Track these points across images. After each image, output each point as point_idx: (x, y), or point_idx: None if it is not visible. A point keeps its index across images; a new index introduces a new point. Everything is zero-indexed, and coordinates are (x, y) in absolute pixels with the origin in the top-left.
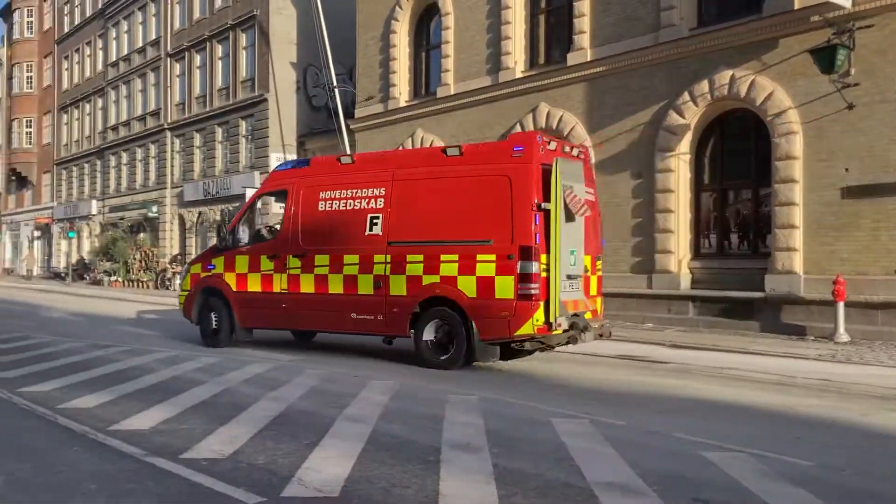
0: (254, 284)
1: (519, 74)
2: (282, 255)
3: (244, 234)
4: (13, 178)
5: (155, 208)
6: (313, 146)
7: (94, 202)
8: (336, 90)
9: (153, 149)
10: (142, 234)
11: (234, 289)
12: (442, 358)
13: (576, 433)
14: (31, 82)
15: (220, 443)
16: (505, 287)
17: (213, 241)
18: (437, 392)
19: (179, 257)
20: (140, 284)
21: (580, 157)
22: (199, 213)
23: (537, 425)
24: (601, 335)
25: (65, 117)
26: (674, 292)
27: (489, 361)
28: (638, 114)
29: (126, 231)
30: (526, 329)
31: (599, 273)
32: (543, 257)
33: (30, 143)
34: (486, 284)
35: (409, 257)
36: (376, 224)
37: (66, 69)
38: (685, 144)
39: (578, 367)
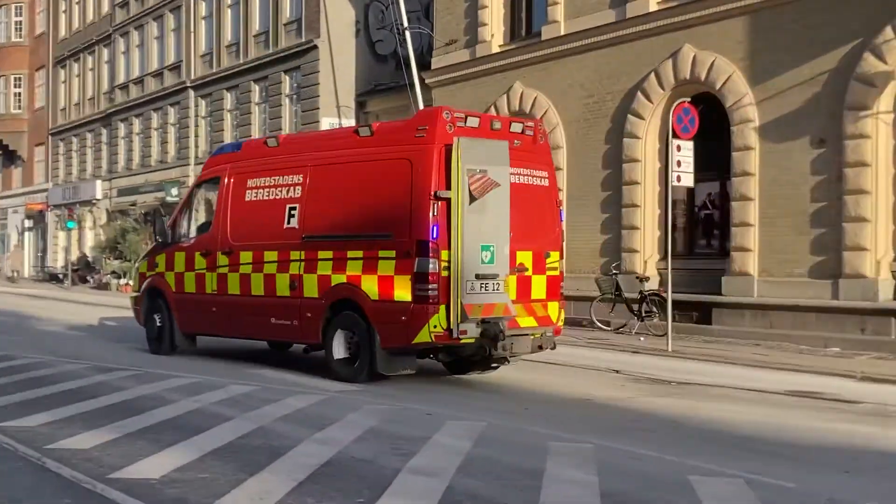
0: (190, 285)
1: (654, 7)
2: (213, 252)
3: (184, 229)
4: None
5: (175, 191)
6: (377, 108)
7: (98, 183)
8: (407, 33)
9: (173, 113)
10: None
11: (174, 289)
12: (349, 369)
13: (726, 498)
14: (21, 29)
15: (248, 498)
16: (403, 288)
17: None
18: (536, 436)
19: None
20: None
21: (528, 136)
22: None
23: (672, 486)
24: (541, 347)
25: (62, 74)
26: (869, 305)
27: (399, 373)
28: (819, 58)
29: (139, 220)
30: (423, 337)
31: (554, 272)
32: (444, 254)
33: (18, 108)
34: (386, 285)
35: (321, 254)
36: (293, 216)
37: (64, 11)
38: (887, 100)
39: (731, 405)
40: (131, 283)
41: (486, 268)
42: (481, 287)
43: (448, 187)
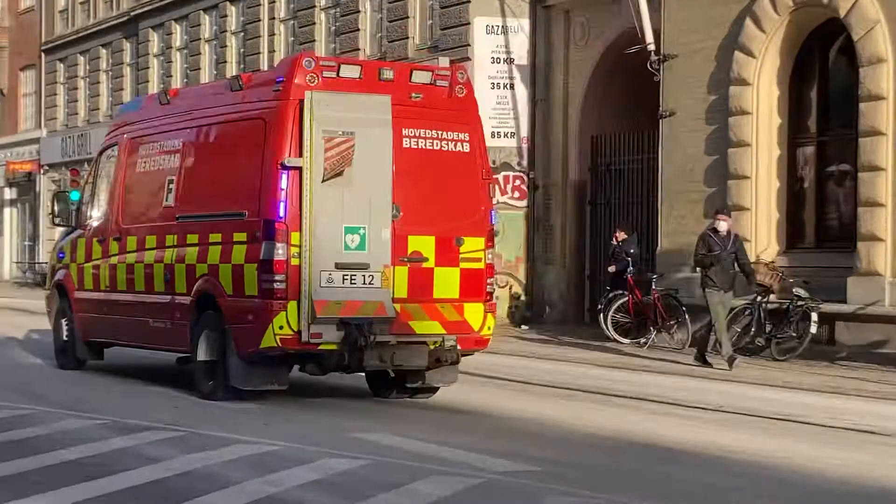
0: (88, 280)
1: None
2: (106, 239)
3: (88, 209)
4: None
5: None
6: (577, 9)
7: None
8: None
9: (234, 16)
10: None
11: (76, 286)
12: (209, 384)
13: None
14: None
15: None
16: (252, 280)
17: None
18: None
19: None
20: None
21: (441, 87)
22: None
23: None
24: (438, 360)
25: None
26: None
27: (262, 388)
28: None
29: None
30: (268, 340)
31: (475, 264)
32: (296, 237)
33: None
34: (238, 277)
35: (189, 238)
36: (171, 191)
37: None
38: None
39: None
40: None
41: (352, 255)
42: (344, 279)
43: (301, 154)
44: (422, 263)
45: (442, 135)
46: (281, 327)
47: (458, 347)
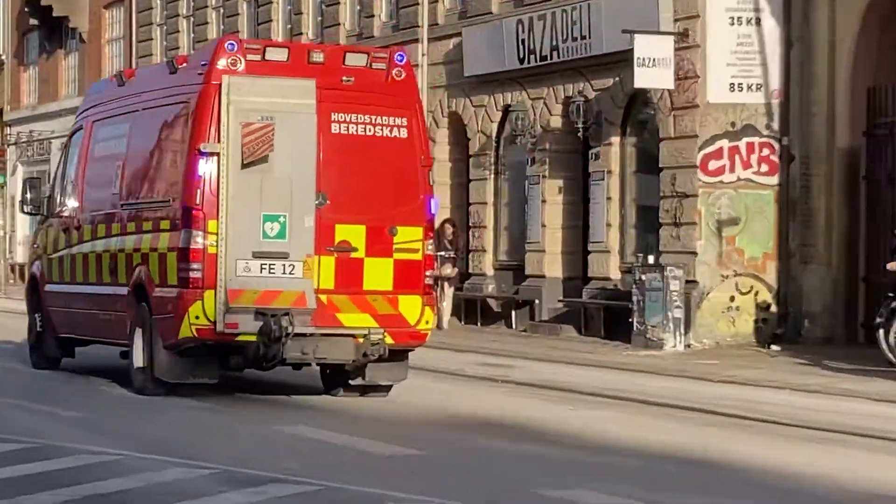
0: (54, 271)
1: None
2: (69, 227)
3: (59, 195)
4: None
5: None
6: None
7: None
8: None
9: None
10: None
11: (45, 277)
12: (141, 377)
13: None
14: None
15: None
16: (173, 269)
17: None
18: None
19: (451, 233)
20: None
21: (377, 70)
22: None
23: None
24: (365, 354)
25: None
26: None
27: (190, 381)
28: None
29: None
30: (185, 331)
31: (411, 255)
32: (213, 224)
33: None
34: (163, 266)
35: (129, 226)
36: (117, 177)
37: None
38: None
39: None
40: None
41: (271, 244)
42: (262, 269)
43: (220, 140)
44: (350, 253)
45: (377, 119)
46: (197, 317)
47: (389, 341)
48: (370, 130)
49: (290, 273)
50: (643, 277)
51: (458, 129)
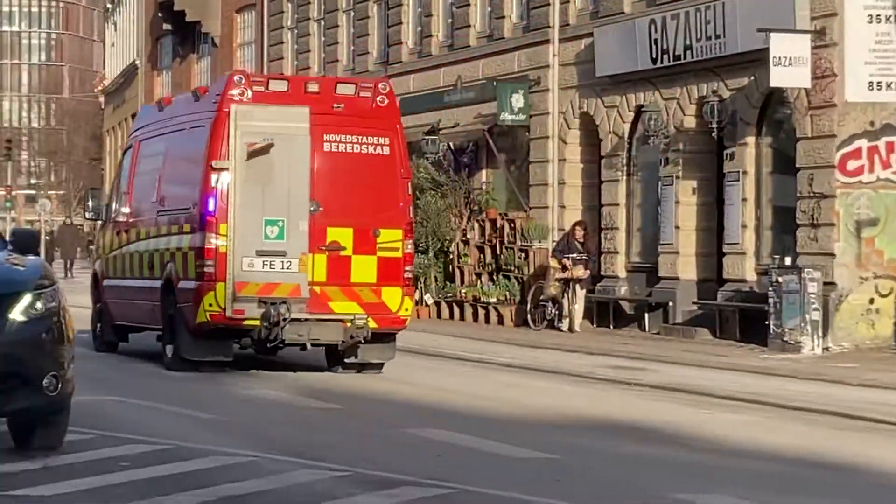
0: (110, 268)
1: None
2: (121, 230)
3: (114, 202)
4: None
5: (520, 102)
6: None
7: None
8: None
9: None
10: (485, 177)
11: (104, 274)
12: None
13: None
14: None
15: None
16: (192, 265)
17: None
18: None
19: (581, 235)
20: (496, 315)
21: (364, 97)
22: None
23: None
24: (353, 337)
25: None
26: None
27: (209, 359)
28: None
29: (444, 163)
30: (201, 317)
31: (392, 253)
32: (223, 228)
33: None
34: (185, 262)
35: (162, 229)
36: (155, 188)
37: None
38: None
39: None
40: (427, 298)
41: (271, 244)
42: (264, 264)
43: (229, 157)
44: (340, 252)
45: (362, 139)
46: (210, 305)
47: (372, 325)
48: (357, 148)
49: (287, 268)
50: (780, 279)
51: (590, 130)
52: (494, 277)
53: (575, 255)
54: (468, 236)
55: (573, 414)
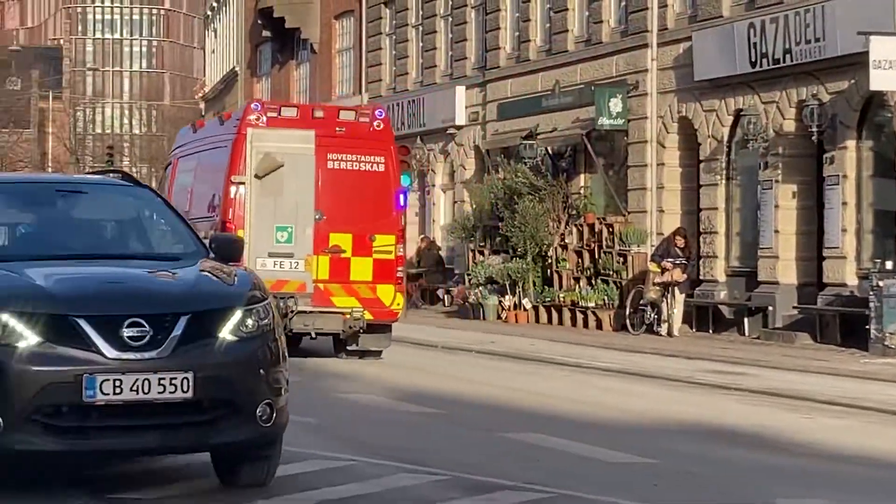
0: None
1: None
2: None
3: None
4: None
5: (618, 106)
6: None
7: (460, 92)
8: None
9: None
10: (583, 182)
11: None
12: None
13: None
14: None
15: None
16: None
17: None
18: None
19: (682, 242)
20: (594, 319)
21: (362, 122)
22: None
23: None
24: (351, 327)
25: None
26: None
27: None
28: None
29: (542, 168)
30: None
31: (386, 255)
32: (241, 233)
33: None
34: None
35: None
36: (187, 201)
37: None
38: None
39: None
40: (525, 302)
41: (281, 247)
42: (275, 264)
43: (246, 173)
44: (340, 254)
45: (361, 158)
46: None
47: (368, 317)
48: (356, 166)
49: (295, 268)
50: (881, 283)
51: (688, 134)
52: (593, 282)
53: (672, 260)
54: (566, 241)
55: (672, 418)
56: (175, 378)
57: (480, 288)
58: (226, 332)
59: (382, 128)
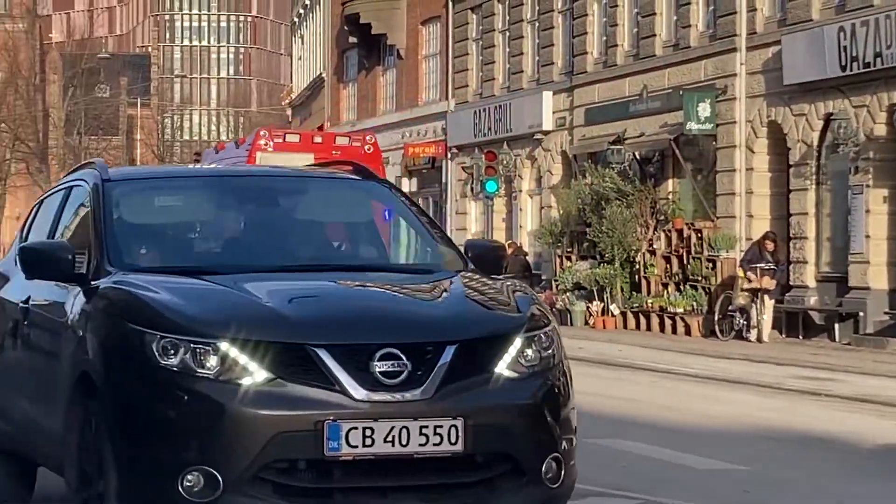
0: None
1: None
2: None
3: None
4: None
5: (706, 110)
6: None
7: (547, 98)
8: None
9: None
10: (671, 187)
11: None
12: None
13: None
14: None
15: None
16: None
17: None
18: None
19: (772, 247)
20: (683, 325)
21: (355, 146)
22: None
23: None
24: None
25: None
26: None
27: None
28: None
29: (629, 173)
30: None
31: None
32: None
33: None
34: None
35: None
36: None
37: None
38: None
39: None
40: (613, 307)
41: None
42: None
43: None
44: None
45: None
46: None
47: None
48: None
49: None
50: None
51: (778, 139)
52: (681, 287)
53: (763, 265)
54: (654, 246)
55: (762, 425)
56: (441, 426)
57: (568, 293)
58: (502, 367)
59: (372, 151)
